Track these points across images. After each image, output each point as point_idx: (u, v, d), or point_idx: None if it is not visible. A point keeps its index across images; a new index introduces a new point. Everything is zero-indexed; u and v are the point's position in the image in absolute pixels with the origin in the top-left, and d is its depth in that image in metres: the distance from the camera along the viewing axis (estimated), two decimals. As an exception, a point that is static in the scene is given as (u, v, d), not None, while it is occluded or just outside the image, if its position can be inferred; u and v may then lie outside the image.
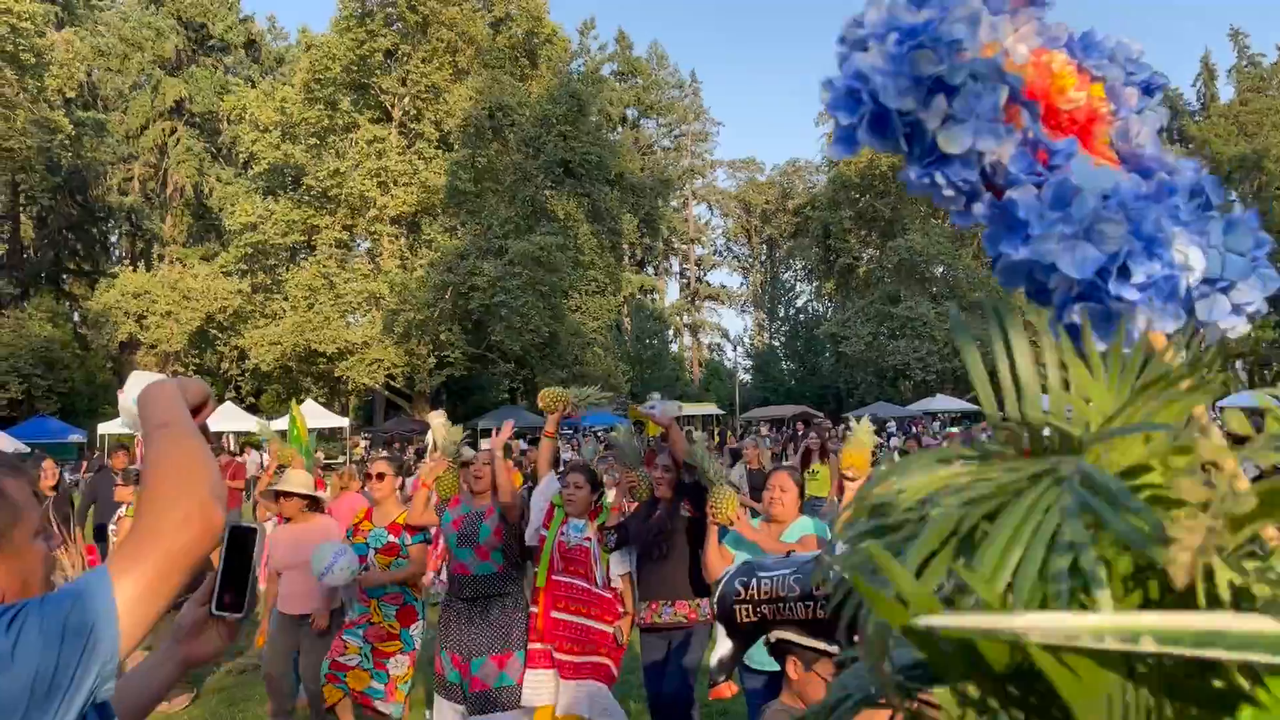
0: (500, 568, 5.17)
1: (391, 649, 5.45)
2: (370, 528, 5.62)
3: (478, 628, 5.11)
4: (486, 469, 5.31)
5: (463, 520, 5.25)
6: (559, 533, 5.25)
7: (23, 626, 1.09)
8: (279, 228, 35.97)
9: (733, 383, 54.19)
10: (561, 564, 5.21)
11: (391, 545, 5.53)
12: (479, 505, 5.31)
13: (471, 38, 36.83)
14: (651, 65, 66.01)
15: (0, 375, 32.40)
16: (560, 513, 5.32)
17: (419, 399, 37.07)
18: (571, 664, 5.14)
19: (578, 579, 5.19)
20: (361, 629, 5.51)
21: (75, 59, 38.31)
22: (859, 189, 47.71)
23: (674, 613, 5.02)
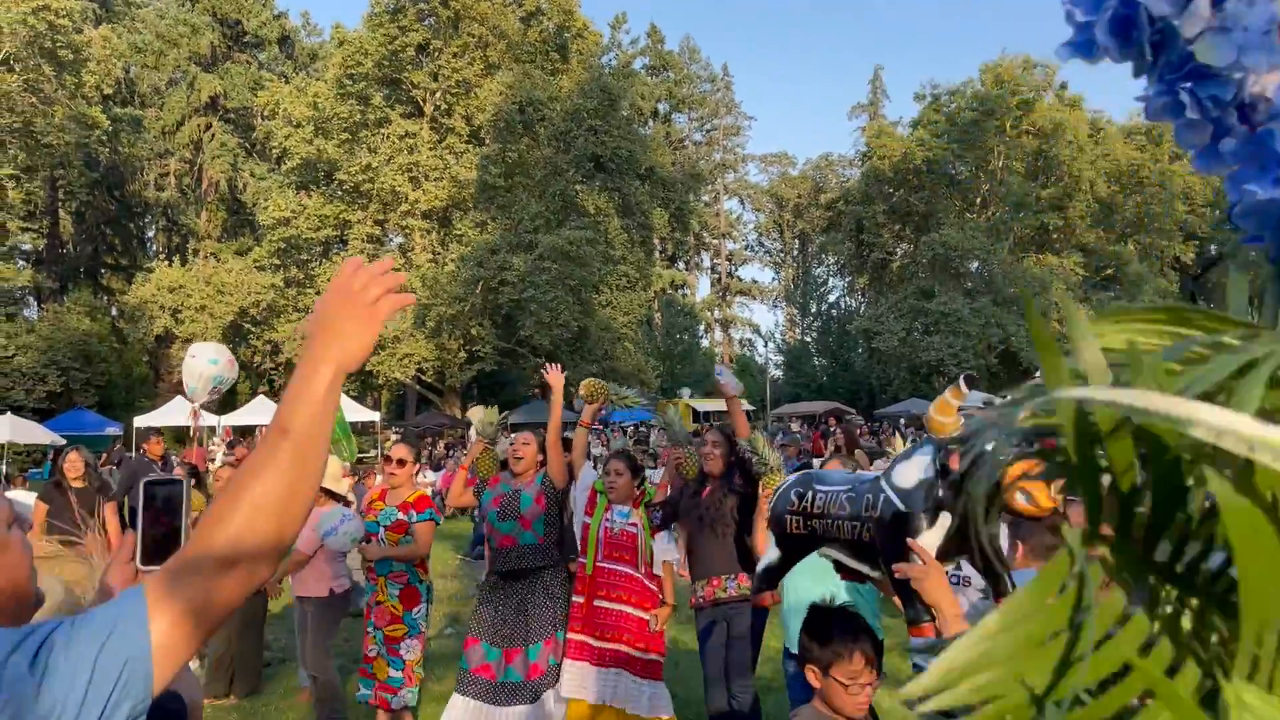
0: (542, 538, 5.20)
1: (398, 633, 5.48)
2: (382, 506, 5.66)
3: (528, 609, 5.14)
4: (527, 448, 5.35)
5: (503, 498, 5.31)
6: (604, 520, 5.27)
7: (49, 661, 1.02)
8: (311, 222, 36.20)
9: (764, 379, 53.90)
10: (604, 550, 5.23)
11: (400, 523, 5.55)
12: (518, 484, 5.35)
13: (503, 32, 36.81)
14: (683, 59, 65.78)
15: (39, 368, 32.85)
16: (603, 499, 5.33)
17: (449, 393, 37.19)
18: (612, 652, 5.13)
19: (623, 565, 5.21)
20: (372, 613, 5.57)
21: (112, 55, 38.70)
22: (892, 183, 47.22)
23: (738, 585, 4.98)
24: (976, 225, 43.30)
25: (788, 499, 2.73)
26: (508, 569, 5.24)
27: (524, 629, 5.11)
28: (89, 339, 34.69)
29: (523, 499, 5.21)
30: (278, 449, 1.15)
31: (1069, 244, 46.19)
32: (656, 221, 44.64)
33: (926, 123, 46.49)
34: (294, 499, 1.14)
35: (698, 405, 45.03)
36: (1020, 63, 45.74)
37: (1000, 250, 41.86)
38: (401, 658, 5.46)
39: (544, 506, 5.21)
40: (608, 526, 5.25)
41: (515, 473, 5.39)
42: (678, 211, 48.50)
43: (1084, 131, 45.30)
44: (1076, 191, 44.62)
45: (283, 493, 1.13)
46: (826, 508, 2.58)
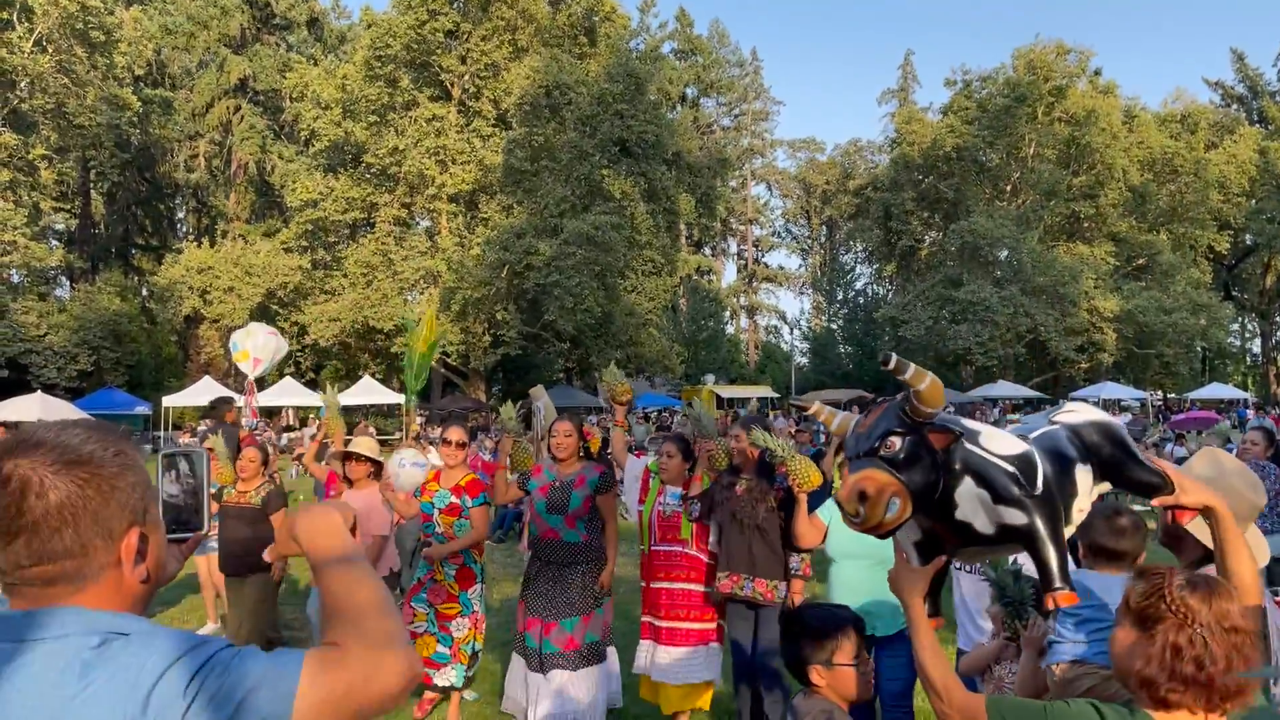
0: (585, 536, 5.38)
1: (452, 611, 5.62)
2: (436, 489, 5.78)
3: (565, 591, 5.31)
4: (568, 439, 5.46)
5: (550, 488, 5.44)
6: (656, 502, 5.43)
7: (202, 686, 1.09)
8: (339, 205, 36.36)
9: (789, 366, 53.77)
10: (659, 533, 5.39)
11: (454, 506, 5.69)
12: (566, 474, 5.47)
13: (531, 16, 36.71)
14: (712, 43, 65.42)
15: (70, 347, 33.24)
16: (656, 482, 5.49)
17: (474, 376, 37.32)
18: (670, 630, 5.30)
19: (676, 545, 5.35)
20: (426, 589, 5.69)
21: (143, 37, 38.97)
22: (922, 170, 46.78)
23: (753, 589, 5.04)
24: (1006, 213, 42.83)
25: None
26: (547, 559, 5.42)
27: (561, 604, 5.30)
28: (119, 319, 35.07)
29: (572, 498, 5.36)
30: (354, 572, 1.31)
31: (1100, 233, 45.61)
32: (683, 207, 44.47)
33: (957, 109, 45.99)
34: (388, 599, 1.29)
35: (722, 391, 45.02)
36: (1054, 48, 45.11)
37: (1030, 239, 41.38)
38: (451, 635, 5.60)
39: (588, 510, 5.38)
40: (660, 510, 5.41)
41: (558, 459, 5.50)
42: (704, 197, 48.30)
43: (1117, 119, 44.64)
44: (1109, 179, 44.03)
45: (383, 596, 1.29)
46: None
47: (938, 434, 1.87)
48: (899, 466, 1.83)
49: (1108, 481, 2.07)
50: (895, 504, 1.82)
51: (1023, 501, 1.86)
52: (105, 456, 1.21)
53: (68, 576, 1.18)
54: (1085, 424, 2.09)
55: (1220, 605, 1.74)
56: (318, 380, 42.24)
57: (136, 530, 1.23)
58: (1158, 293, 42.10)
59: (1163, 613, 1.76)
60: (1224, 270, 53.46)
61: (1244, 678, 1.72)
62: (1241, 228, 49.61)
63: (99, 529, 1.19)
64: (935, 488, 1.87)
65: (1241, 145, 46.86)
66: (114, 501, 1.20)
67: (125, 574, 1.22)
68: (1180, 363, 44.09)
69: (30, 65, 31.77)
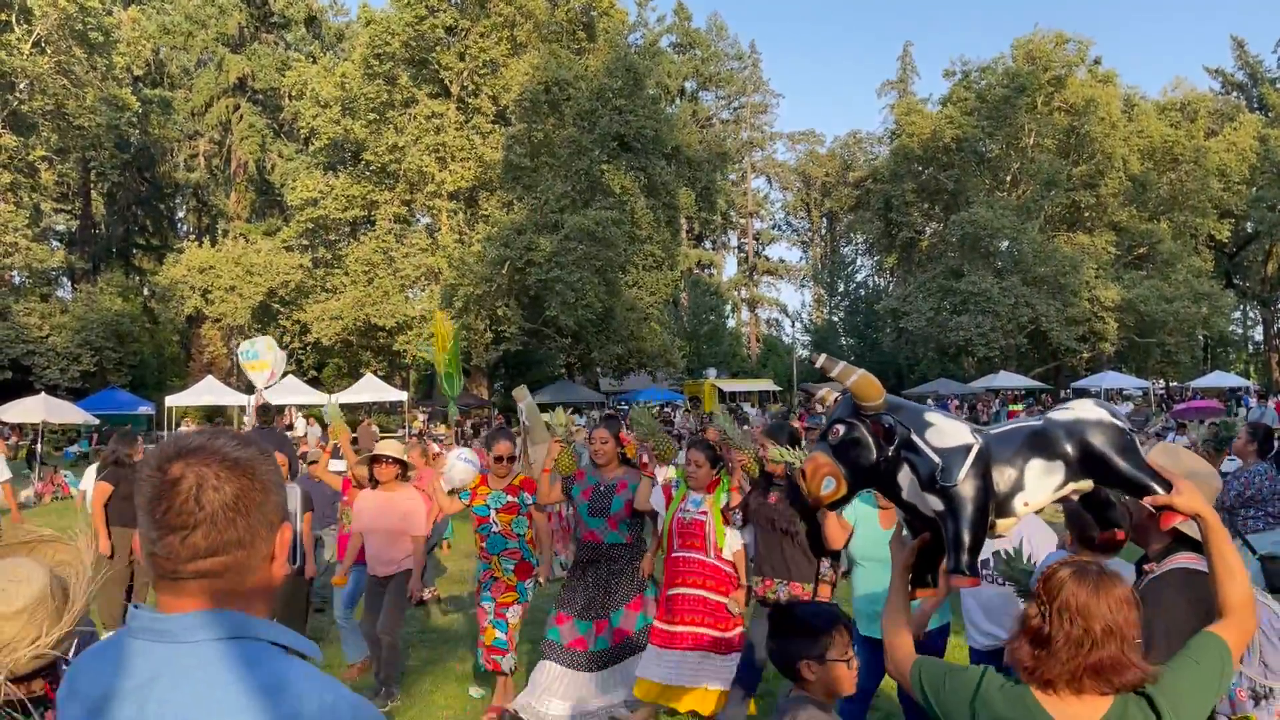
0: (628, 538, 5.67)
1: (509, 599, 5.91)
2: (487, 491, 6.00)
3: (609, 588, 5.60)
4: (605, 445, 5.75)
5: (592, 491, 5.71)
6: (678, 509, 5.58)
7: None
8: (339, 203, 36.36)
9: (791, 359, 53.76)
10: (679, 540, 5.53)
11: (511, 504, 5.95)
12: (608, 478, 5.73)
13: (529, 12, 36.66)
14: (710, 37, 65.29)
15: (73, 348, 33.30)
16: (681, 489, 5.65)
17: (476, 373, 37.35)
18: (681, 635, 5.40)
19: (694, 552, 5.47)
20: (488, 587, 5.98)
21: (142, 37, 39.02)
22: (922, 161, 46.75)
23: (787, 591, 5.16)
24: (1007, 204, 42.80)
25: None
26: (589, 560, 5.70)
27: (607, 601, 5.59)
28: (121, 319, 35.12)
29: (614, 502, 5.63)
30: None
31: (1101, 222, 45.57)
32: (683, 201, 44.45)
33: (956, 100, 45.94)
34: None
35: (724, 385, 45.09)
36: (1053, 38, 45.04)
37: (1031, 229, 41.35)
38: (507, 620, 5.90)
39: (629, 513, 5.63)
40: (680, 516, 5.55)
41: (598, 464, 5.77)
42: (704, 190, 48.29)
43: (1117, 108, 44.57)
44: (1109, 169, 43.96)
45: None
46: None
47: (876, 425, 2.11)
48: (837, 451, 2.10)
49: (1092, 480, 2.13)
50: (830, 483, 2.08)
51: (941, 490, 2.05)
52: (258, 458, 1.32)
53: (237, 568, 1.28)
54: (1073, 422, 2.16)
55: (1082, 593, 1.91)
56: (320, 378, 42.28)
57: (288, 525, 1.36)
58: (1159, 281, 42.08)
59: (1036, 594, 2.00)
60: (1225, 258, 53.38)
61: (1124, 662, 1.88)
62: (1242, 215, 49.52)
63: (263, 521, 1.30)
64: (876, 471, 2.11)
65: (1242, 133, 46.78)
66: (271, 498, 1.32)
67: (275, 567, 1.34)
68: (1182, 351, 44.08)
69: (29, 67, 31.80)
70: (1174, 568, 2.64)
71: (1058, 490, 2.13)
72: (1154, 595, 2.59)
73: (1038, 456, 2.12)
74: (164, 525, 1.25)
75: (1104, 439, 2.12)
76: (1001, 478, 2.09)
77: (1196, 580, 2.50)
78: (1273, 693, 2.50)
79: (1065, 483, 2.12)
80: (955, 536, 2.05)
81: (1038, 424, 2.19)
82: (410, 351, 34.96)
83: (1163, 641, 2.28)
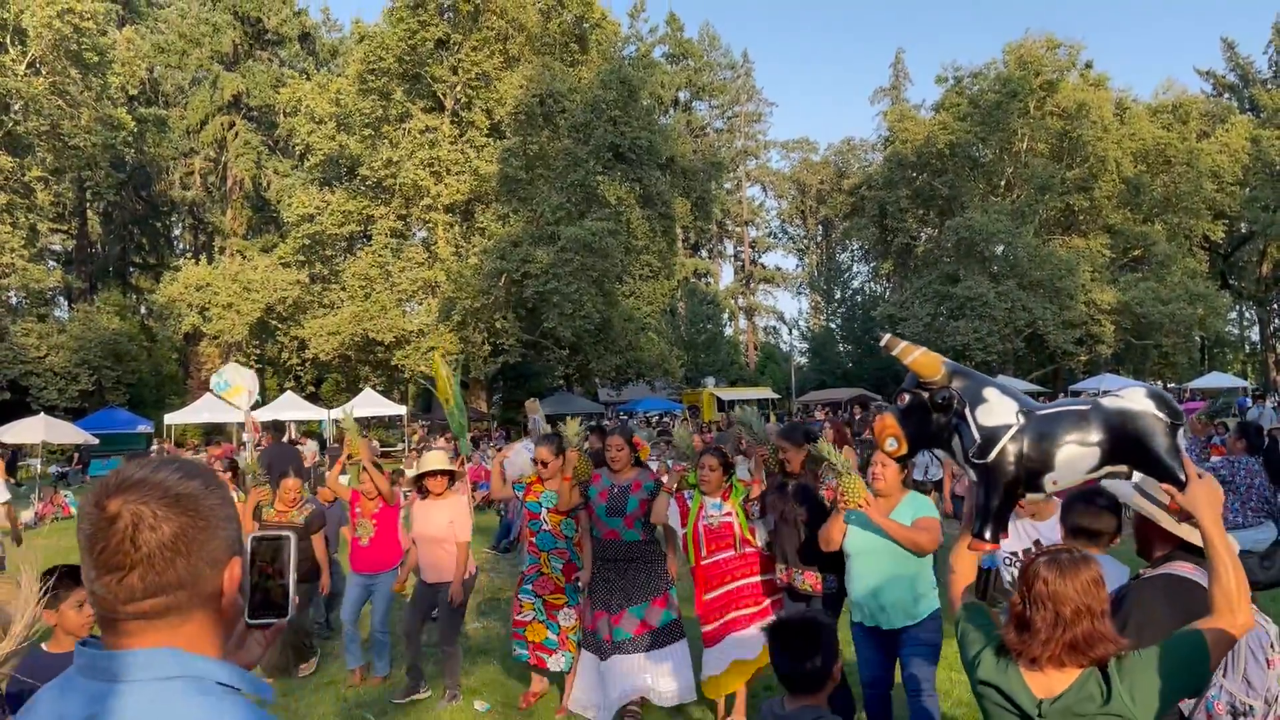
0: (644, 535, 5.99)
1: (559, 601, 6.20)
2: (541, 490, 6.35)
3: (630, 581, 5.89)
4: (621, 452, 6.07)
5: (609, 492, 6.03)
6: (699, 518, 5.83)
7: None
8: (335, 218, 36.41)
9: (789, 366, 53.82)
10: (708, 547, 5.80)
11: None
12: (622, 480, 6.06)
13: (522, 25, 36.78)
14: (703, 47, 65.52)
15: (71, 368, 33.29)
16: (696, 499, 5.90)
17: (475, 386, 37.35)
18: (722, 629, 5.73)
19: (724, 552, 5.77)
20: (532, 581, 6.26)
21: (137, 57, 39.11)
22: (916, 167, 46.86)
23: (802, 580, 5.53)
24: (1001, 208, 42.90)
25: None
26: (609, 557, 5.99)
27: (628, 594, 5.87)
28: (119, 338, 35.13)
29: (629, 501, 5.96)
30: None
31: (1095, 225, 45.68)
32: (678, 210, 44.54)
33: (949, 105, 46.09)
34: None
35: (722, 394, 45.06)
36: (1044, 42, 45.21)
37: (1026, 233, 41.45)
38: (558, 623, 6.17)
39: (644, 511, 5.95)
40: (707, 524, 5.80)
41: (614, 469, 6.09)
42: (699, 200, 48.38)
43: (1109, 111, 44.72)
44: (1102, 172, 44.09)
45: None
46: None
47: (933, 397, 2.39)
48: (902, 416, 2.42)
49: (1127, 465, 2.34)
50: (894, 442, 2.41)
51: (974, 463, 2.34)
52: (204, 491, 1.26)
53: (178, 608, 1.23)
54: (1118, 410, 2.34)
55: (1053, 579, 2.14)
56: (319, 394, 42.31)
57: (238, 561, 1.30)
58: (1154, 283, 42.16)
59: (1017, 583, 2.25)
60: (1220, 259, 53.52)
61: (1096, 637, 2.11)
62: (1236, 216, 49.66)
63: (207, 558, 1.24)
64: (934, 435, 2.41)
65: (1234, 134, 46.93)
66: (218, 532, 1.26)
67: (225, 603, 1.28)
68: (1179, 353, 44.16)
69: (24, 88, 31.87)
70: (1163, 573, 2.70)
71: (1091, 472, 2.34)
72: (1135, 593, 2.69)
73: (1075, 442, 2.30)
74: (100, 565, 1.21)
75: (1145, 428, 2.30)
76: (1035, 457, 2.31)
77: (1182, 587, 2.56)
78: (1252, 710, 2.52)
79: (1099, 467, 2.33)
80: (983, 506, 2.35)
81: (1084, 407, 2.37)
82: (409, 366, 34.99)
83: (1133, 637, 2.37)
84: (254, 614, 1.45)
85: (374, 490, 7.27)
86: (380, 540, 7.21)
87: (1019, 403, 2.38)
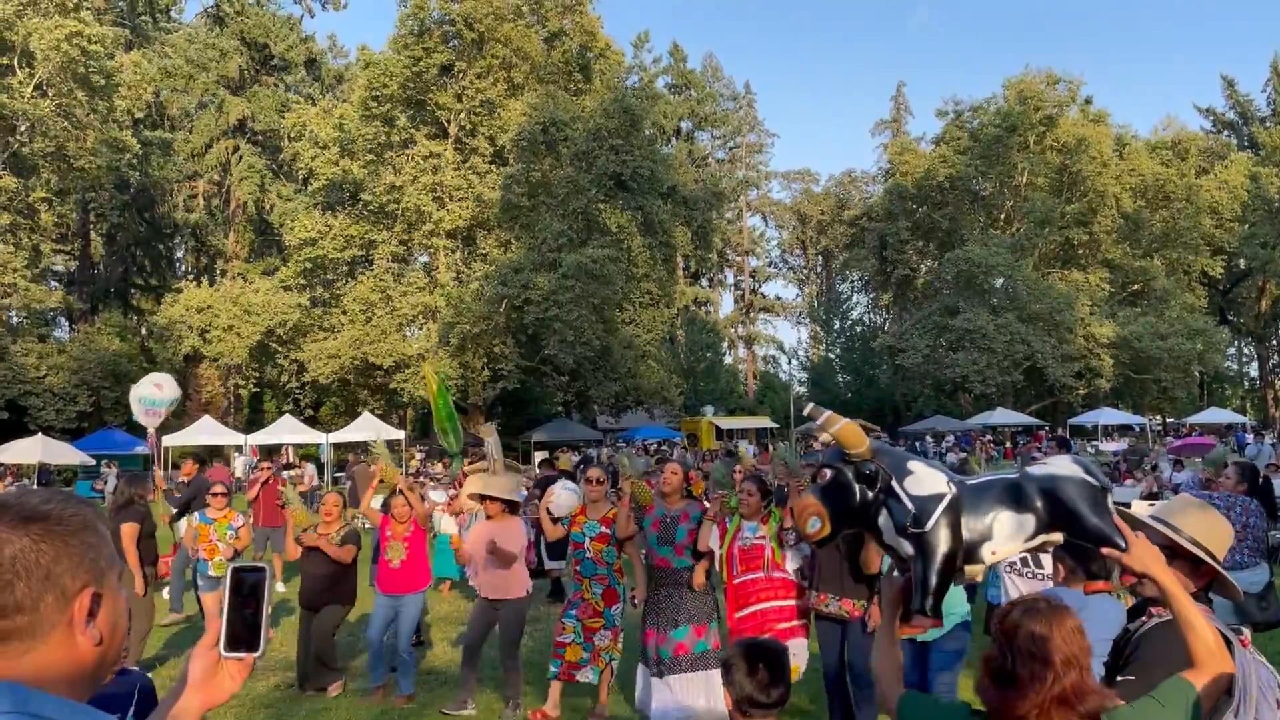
0: (693, 562, 6.32)
1: (596, 625, 6.58)
2: (584, 520, 6.77)
3: (676, 606, 6.27)
4: (674, 477, 6.52)
5: (660, 523, 6.45)
6: (735, 539, 6.17)
7: None
8: (337, 243, 36.53)
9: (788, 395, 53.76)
10: (741, 566, 6.12)
11: (604, 535, 6.67)
12: (673, 509, 6.47)
13: (526, 54, 37.09)
14: (706, 78, 65.99)
15: (70, 388, 33.27)
16: (735, 521, 6.23)
17: (474, 411, 37.31)
18: None
19: (753, 573, 6.06)
20: (575, 607, 6.66)
21: (143, 80, 39.29)
22: (916, 199, 47.10)
23: (839, 606, 5.79)
24: (1001, 241, 43.07)
25: None
26: (659, 582, 6.39)
27: (673, 617, 6.26)
28: (119, 359, 35.10)
29: (679, 531, 6.36)
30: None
31: (1094, 259, 45.85)
32: (679, 239, 44.70)
33: (949, 139, 46.41)
34: None
35: (720, 422, 45.03)
36: (1044, 78, 45.58)
37: (1025, 266, 41.61)
38: (593, 643, 6.57)
39: (693, 540, 6.30)
40: (741, 545, 6.13)
41: (664, 494, 6.52)
42: (700, 229, 48.56)
43: (1109, 146, 45.02)
44: (1102, 207, 44.32)
45: None
46: None
47: (859, 471, 2.26)
48: (824, 493, 2.26)
49: (1061, 532, 2.24)
50: (816, 522, 2.24)
51: (912, 535, 2.21)
52: (63, 515, 1.20)
53: (19, 633, 1.15)
54: (1047, 477, 2.27)
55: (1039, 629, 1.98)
56: (317, 417, 42.21)
57: (90, 591, 1.20)
58: (1153, 318, 42.27)
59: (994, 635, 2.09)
60: (1219, 295, 53.66)
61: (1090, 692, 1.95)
62: (1235, 252, 49.87)
63: (51, 585, 1.16)
64: (859, 513, 2.27)
65: (1233, 171, 47.22)
66: (67, 559, 1.18)
67: (77, 635, 1.18)
68: (1178, 387, 44.18)
69: (31, 110, 32.06)
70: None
71: (1028, 541, 2.24)
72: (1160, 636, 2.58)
73: (1009, 508, 2.23)
74: None
75: (1075, 494, 2.22)
76: (972, 527, 2.21)
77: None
78: None
79: (1035, 534, 2.23)
80: (922, 579, 2.19)
81: (1013, 477, 2.29)
82: (408, 390, 34.98)
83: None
84: (229, 645, 1.43)
85: (406, 514, 7.55)
86: (410, 563, 7.47)
87: (946, 474, 2.31)
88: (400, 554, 7.42)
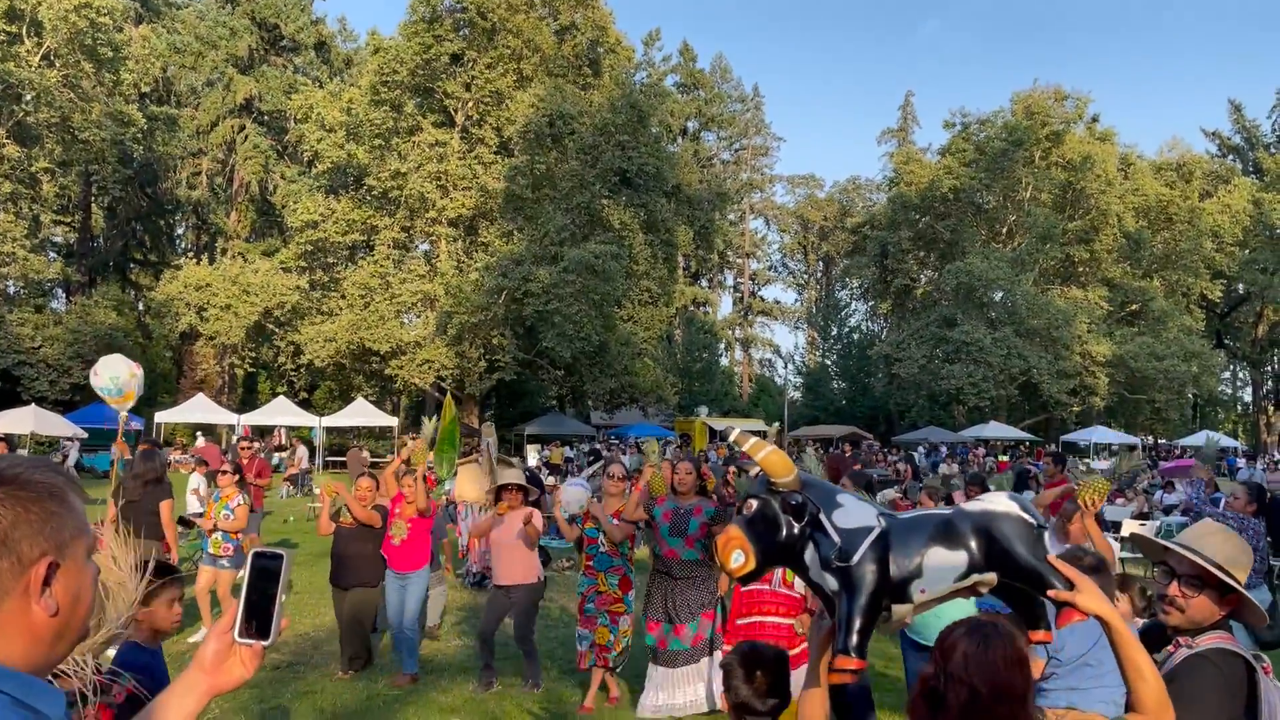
0: (702, 555, 6.48)
1: (619, 610, 6.93)
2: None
3: (686, 596, 6.47)
4: (689, 476, 6.70)
5: (673, 514, 6.60)
6: None
7: None
8: (339, 226, 36.43)
9: (782, 400, 53.80)
10: None
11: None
12: (686, 503, 6.63)
13: (537, 45, 37.03)
14: (715, 78, 65.98)
15: (64, 360, 33.18)
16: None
17: (469, 401, 37.28)
18: None
19: (763, 584, 5.96)
20: (592, 600, 6.96)
21: (151, 55, 39.24)
22: (919, 209, 47.13)
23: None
24: (1002, 255, 43.11)
25: None
26: (666, 572, 6.56)
27: (685, 608, 6.46)
28: (114, 333, 35.00)
29: (691, 524, 6.52)
30: None
31: (1094, 277, 45.92)
32: (681, 238, 44.69)
33: (955, 151, 46.42)
34: None
35: (714, 423, 44.98)
36: (1052, 93, 45.63)
37: (1025, 281, 41.64)
38: (619, 626, 6.89)
39: (704, 533, 6.44)
40: None
41: (679, 492, 6.68)
42: (702, 229, 48.56)
43: (1114, 166, 45.08)
44: (1104, 225, 44.38)
45: None
46: None
47: (786, 502, 2.12)
48: (749, 525, 2.11)
49: (994, 572, 2.11)
50: (740, 555, 2.08)
51: (837, 569, 2.06)
52: (29, 480, 1.17)
53: None
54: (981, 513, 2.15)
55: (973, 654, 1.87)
56: (310, 400, 42.17)
57: (47, 560, 1.16)
58: (1150, 338, 42.33)
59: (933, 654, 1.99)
60: (1216, 318, 53.77)
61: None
62: (1234, 277, 49.97)
63: (6, 550, 1.13)
64: (785, 547, 2.12)
65: (1236, 195, 47.31)
66: (25, 524, 1.15)
67: (32, 604, 1.15)
68: (1171, 409, 44.27)
69: (37, 79, 31.95)
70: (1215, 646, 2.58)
71: (959, 581, 2.11)
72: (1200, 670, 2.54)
73: (940, 545, 2.10)
74: None
75: (1010, 532, 2.11)
76: (901, 564, 2.08)
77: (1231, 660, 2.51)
78: None
79: (968, 574, 2.11)
80: (846, 617, 2.04)
81: (946, 513, 2.18)
82: (403, 377, 34.92)
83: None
84: (242, 631, 1.40)
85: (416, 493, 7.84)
86: (411, 542, 7.71)
87: (876, 508, 2.20)
88: (402, 532, 7.68)
